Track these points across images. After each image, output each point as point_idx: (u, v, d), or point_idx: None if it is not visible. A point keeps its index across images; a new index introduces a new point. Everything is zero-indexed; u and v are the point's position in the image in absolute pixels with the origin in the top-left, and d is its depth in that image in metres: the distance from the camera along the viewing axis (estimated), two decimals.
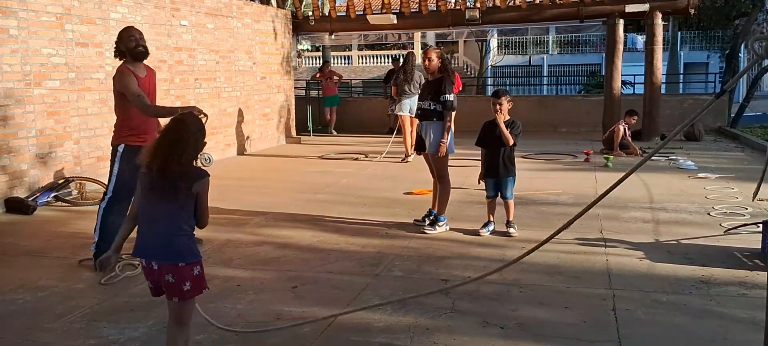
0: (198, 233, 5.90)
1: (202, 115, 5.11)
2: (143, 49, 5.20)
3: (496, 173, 6.03)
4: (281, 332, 3.86)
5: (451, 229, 6.20)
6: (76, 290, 4.67)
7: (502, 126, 5.90)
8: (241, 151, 12.35)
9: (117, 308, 4.32)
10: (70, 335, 3.88)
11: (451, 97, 6.10)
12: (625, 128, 11.34)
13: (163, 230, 2.94)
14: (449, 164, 6.35)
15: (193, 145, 2.98)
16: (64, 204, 7.66)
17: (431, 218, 6.28)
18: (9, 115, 7.46)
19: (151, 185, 2.95)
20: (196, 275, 2.97)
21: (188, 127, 2.99)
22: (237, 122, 12.26)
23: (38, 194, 7.60)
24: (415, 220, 6.45)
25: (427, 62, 6.26)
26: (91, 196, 7.84)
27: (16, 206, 7.30)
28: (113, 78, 5.20)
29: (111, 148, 5.26)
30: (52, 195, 7.71)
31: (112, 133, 5.30)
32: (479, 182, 6.27)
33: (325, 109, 16.04)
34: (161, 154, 2.92)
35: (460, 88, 14.42)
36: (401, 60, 13.44)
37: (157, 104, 5.43)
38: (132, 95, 5.07)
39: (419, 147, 6.33)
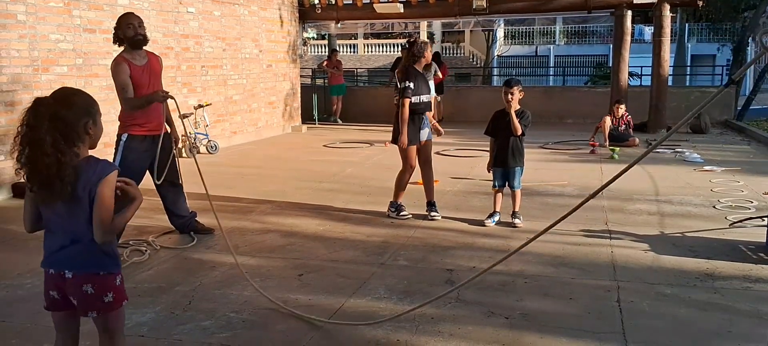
0: (205, 220, 5.93)
1: (169, 98, 5.14)
2: (142, 37, 5.16)
3: (505, 163, 6.03)
4: (288, 319, 3.89)
5: (456, 219, 6.22)
6: None
7: (513, 115, 5.90)
8: (247, 139, 12.37)
9: None
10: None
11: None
12: (611, 119, 11.29)
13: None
14: (454, 155, 6.34)
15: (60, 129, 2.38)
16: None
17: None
18: (17, 101, 7.49)
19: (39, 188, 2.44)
20: (118, 284, 2.58)
21: (37, 112, 2.39)
22: (243, 110, 12.27)
23: None
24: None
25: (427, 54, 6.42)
26: None
27: (23, 191, 7.33)
28: (110, 69, 5.21)
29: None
30: None
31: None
32: (488, 171, 6.28)
33: (332, 97, 16.04)
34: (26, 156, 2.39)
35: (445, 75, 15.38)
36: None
37: (143, 95, 5.27)
38: (117, 88, 5.09)
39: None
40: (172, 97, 5.23)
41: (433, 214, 6.28)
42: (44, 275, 2.56)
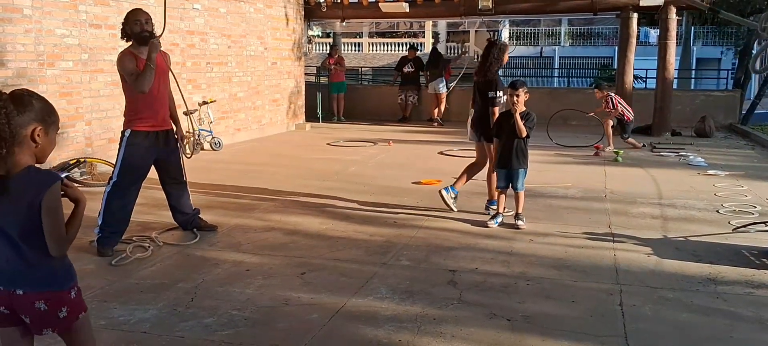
0: (209, 217, 5.94)
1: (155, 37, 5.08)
2: (148, 33, 5.18)
3: (509, 164, 6.03)
4: (290, 318, 3.90)
5: (459, 220, 6.23)
6: (87, 271, 4.71)
7: (518, 117, 5.90)
8: (251, 136, 12.38)
9: (127, 289, 4.36)
10: None
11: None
12: (610, 113, 11.14)
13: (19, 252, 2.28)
14: (457, 155, 6.35)
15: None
16: (74, 184, 7.70)
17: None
18: None
19: None
20: (74, 297, 2.41)
21: None
22: (247, 107, 12.29)
23: None
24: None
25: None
26: (102, 177, 7.89)
27: None
28: (116, 62, 5.22)
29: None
30: (64, 175, 7.76)
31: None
32: (492, 172, 6.28)
33: (333, 95, 16.05)
34: None
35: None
36: (416, 47, 13.82)
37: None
38: (128, 75, 5.09)
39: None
40: (156, 36, 5.20)
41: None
42: None
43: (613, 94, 11.35)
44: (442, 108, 15.21)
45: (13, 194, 2.18)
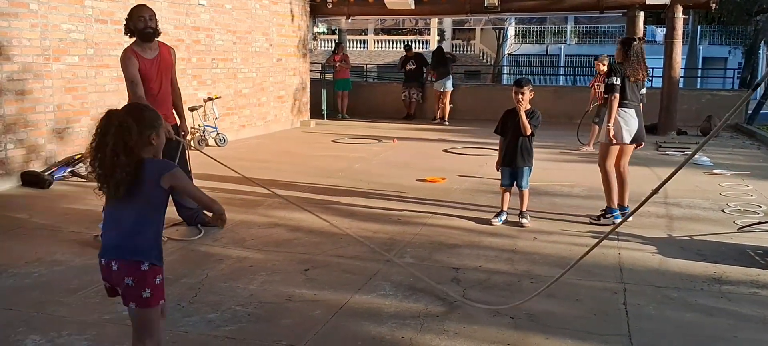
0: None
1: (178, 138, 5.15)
2: (151, 30, 5.17)
3: (514, 162, 6.02)
4: (293, 314, 3.90)
5: (463, 217, 6.22)
6: (92, 266, 4.70)
7: (523, 115, 5.89)
8: (256, 132, 12.39)
9: None
10: (85, 310, 3.94)
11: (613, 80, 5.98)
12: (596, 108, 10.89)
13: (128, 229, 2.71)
14: (462, 153, 6.33)
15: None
16: (79, 179, 7.74)
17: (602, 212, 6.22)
18: (27, 90, 7.53)
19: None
20: (158, 283, 2.73)
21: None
22: (252, 104, 12.29)
23: (54, 169, 7.68)
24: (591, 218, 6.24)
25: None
26: None
27: (32, 179, 7.38)
28: (120, 59, 5.22)
29: None
30: (68, 170, 7.78)
31: None
32: (497, 170, 6.26)
33: (337, 92, 16.05)
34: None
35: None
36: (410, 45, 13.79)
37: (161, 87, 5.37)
38: (127, 81, 5.11)
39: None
40: (182, 140, 5.22)
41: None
42: (99, 266, 2.78)
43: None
44: (448, 107, 15.13)
45: (141, 180, 2.66)
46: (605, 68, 10.65)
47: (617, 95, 5.92)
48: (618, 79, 5.95)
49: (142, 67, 5.14)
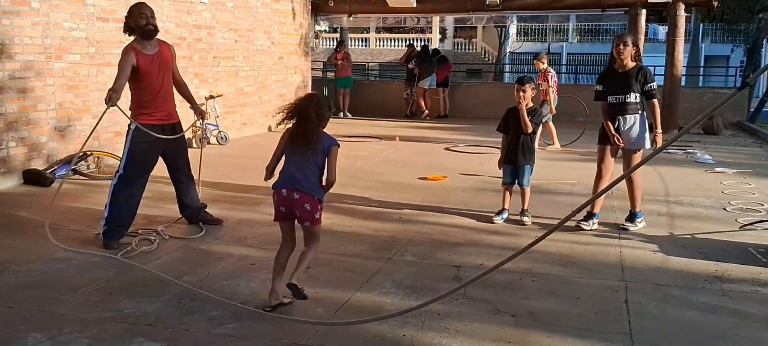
0: (214, 211, 5.95)
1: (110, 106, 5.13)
2: (153, 27, 5.19)
3: (515, 160, 6.02)
4: (294, 312, 3.90)
5: (464, 215, 6.21)
6: (93, 263, 4.73)
7: (524, 113, 5.88)
8: (257, 130, 12.38)
9: (133, 282, 4.37)
10: (86, 308, 3.94)
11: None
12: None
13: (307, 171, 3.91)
14: (463, 151, 6.32)
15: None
16: (81, 177, 7.74)
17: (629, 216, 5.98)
18: (29, 88, 7.53)
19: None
20: (321, 210, 3.99)
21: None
22: (254, 102, 12.29)
23: (56, 167, 7.68)
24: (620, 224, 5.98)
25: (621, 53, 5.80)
26: (108, 170, 7.92)
27: (34, 177, 7.39)
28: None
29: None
30: (70, 168, 7.79)
31: None
32: (499, 168, 6.26)
33: (339, 90, 16.05)
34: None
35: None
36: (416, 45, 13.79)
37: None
38: (119, 69, 5.11)
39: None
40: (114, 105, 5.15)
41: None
42: (277, 195, 3.92)
43: (553, 72, 10.83)
44: (424, 103, 15.55)
45: (318, 145, 3.89)
46: (544, 66, 10.66)
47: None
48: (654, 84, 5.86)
49: (142, 64, 5.14)
